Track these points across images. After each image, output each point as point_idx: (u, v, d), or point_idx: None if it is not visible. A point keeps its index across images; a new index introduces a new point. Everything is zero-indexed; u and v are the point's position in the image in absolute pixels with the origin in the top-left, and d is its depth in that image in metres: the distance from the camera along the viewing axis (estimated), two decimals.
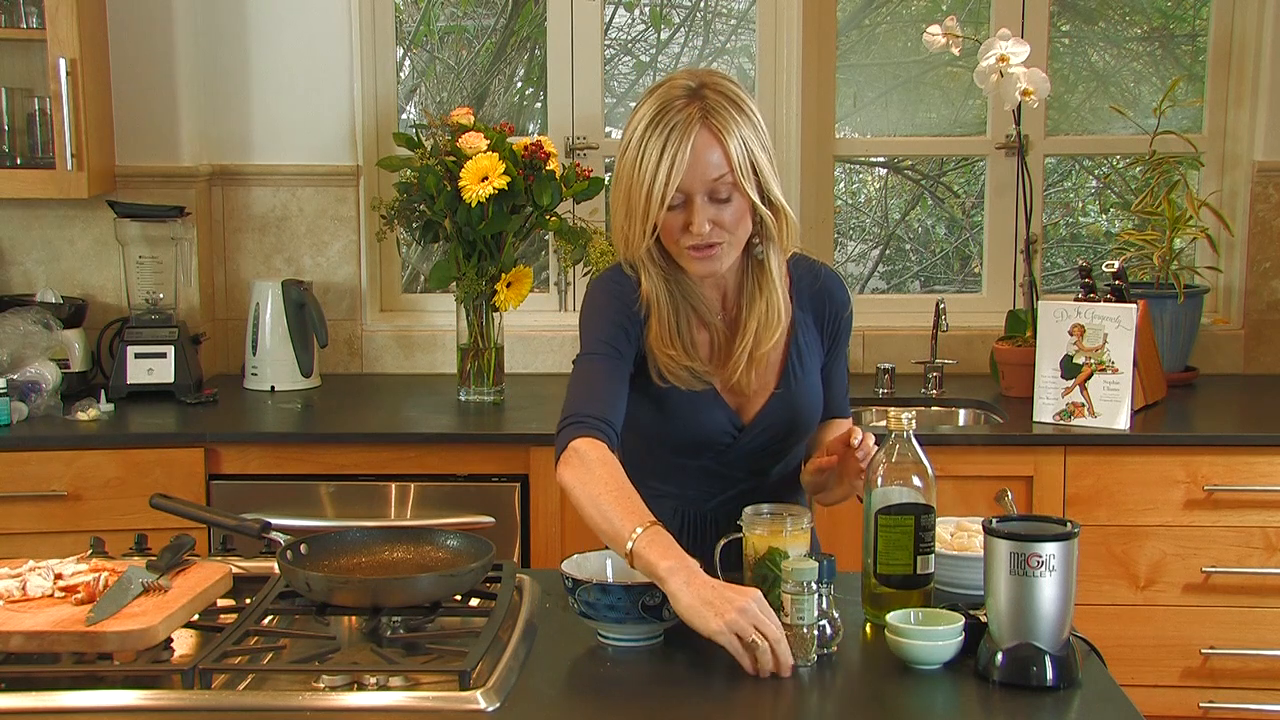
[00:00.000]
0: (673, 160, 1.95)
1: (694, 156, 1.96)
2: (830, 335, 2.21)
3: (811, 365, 2.18)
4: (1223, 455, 3.08)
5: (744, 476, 2.18)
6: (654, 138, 1.96)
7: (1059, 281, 4.23)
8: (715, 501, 2.18)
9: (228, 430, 3.20)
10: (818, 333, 2.19)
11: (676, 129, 1.95)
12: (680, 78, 2.02)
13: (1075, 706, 1.71)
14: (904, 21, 4.27)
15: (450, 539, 2.03)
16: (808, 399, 2.17)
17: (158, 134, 3.62)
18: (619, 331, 2.09)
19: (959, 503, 2.88)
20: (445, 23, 4.22)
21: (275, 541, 2.10)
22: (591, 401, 2.02)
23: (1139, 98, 4.08)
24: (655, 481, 2.14)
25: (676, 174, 1.95)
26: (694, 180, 1.97)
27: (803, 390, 2.17)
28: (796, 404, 2.15)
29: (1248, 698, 3.12)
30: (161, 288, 3.57)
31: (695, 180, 1.97)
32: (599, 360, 2.08)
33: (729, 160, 1.97)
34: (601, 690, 1.77)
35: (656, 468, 2.16)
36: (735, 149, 1.97)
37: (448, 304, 3.67)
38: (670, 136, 1.95)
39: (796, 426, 2.17)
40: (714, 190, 1.98)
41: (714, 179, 1.97)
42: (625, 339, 2.09)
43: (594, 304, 2.15)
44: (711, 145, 1.97)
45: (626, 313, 2.10)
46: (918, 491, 1.93)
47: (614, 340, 2.08)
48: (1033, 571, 1.72)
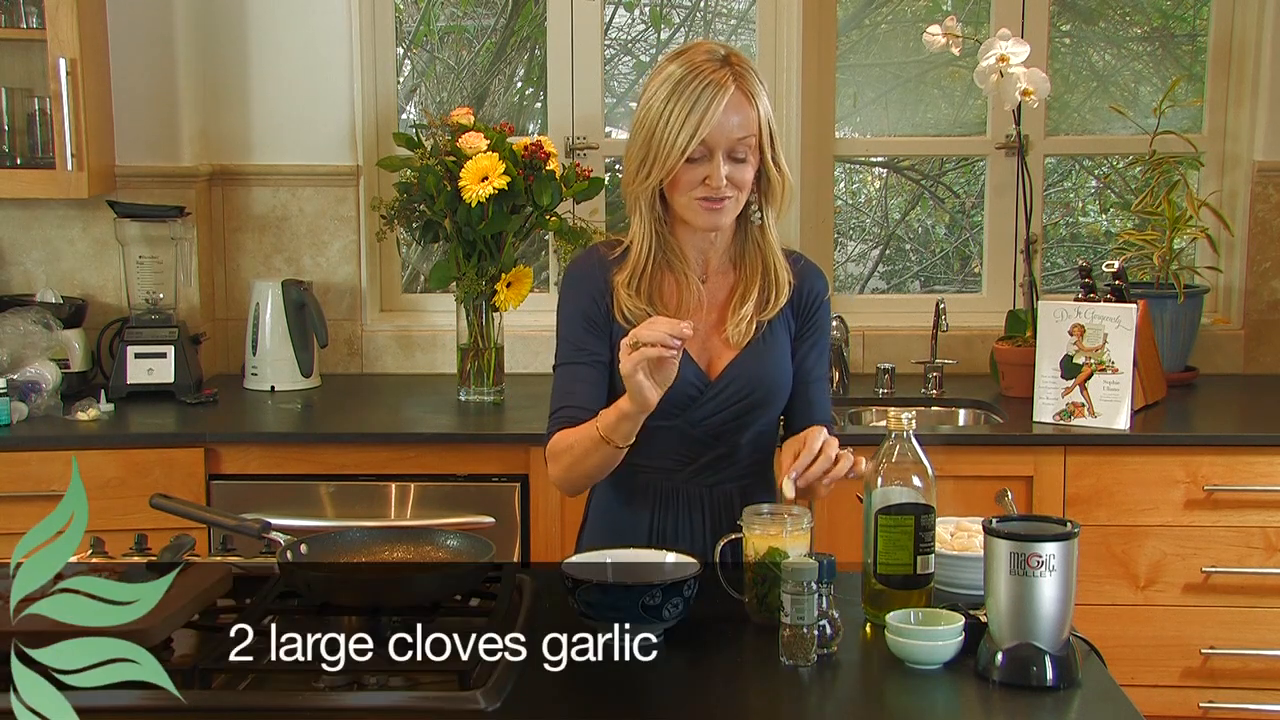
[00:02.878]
0: (704, 113, 2.07)
1: (725, 114, 2.08)
2: (803, 318, 2.26)
3: (780, 339, 2.24)
4: (1223, 455, 3.08)
5: (712, 443, 2.21)
6: (688, 91, 2.08)
7: (1059, 281, 4.23)
8: (686, 472, 2.22)
9: (228, 430, 3.20)
10: (790, 311, 2.25)
11: (710, 86, 2.08)
12: (705, 45, 2.15)
13: (1075, 706, 1.71)
14: (904, 21, 4.27)
15: (450, 539, 2.03)
16: (773, 366, 2.22)
17: (158, 134, 3.62)
18: (588, 330, 2.20)
19: (959, 503, 2.86)
20: (445, 23, 4.22)
21: (275, 541, 2.10)
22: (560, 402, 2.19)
23: (1139, 98, 4.08)
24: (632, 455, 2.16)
25: (706, 126, 2.07)
26: (720, 136, 2.09)
27: (768, 356, 2.22)
28: (762, 367, 2.20)
29: (1248, 698, 3.12)
30: (161, 288, 3.57)
31: (721, 136, 2.09)
32: (567, 362, 2.21)
33: (756, 122, 2.11)
34: (601, 690, 1.77)
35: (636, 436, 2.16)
36: (762, 113, 2.12)
37: (448, 304, 3.67)
38: (704, 92, 2.07)
39: (760, 389, 2.20)
40: (735, 149, 2.10)
41: (738, 138, 2.10)
42: (595, 336, 2.19)
43: (565, 299, 2.25)
44: (743, 106, 2.10)
45: (595, 291, 2.20)
46: (918, 491, 1.93)
47: (583, 343, 2.20)
48: (1033, 571, 1.72)
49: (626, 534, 2.20)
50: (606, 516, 2.28)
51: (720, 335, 2.21)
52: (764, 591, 1.92)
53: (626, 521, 2.23)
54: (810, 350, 2.27)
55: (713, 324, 2.22)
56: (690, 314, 2.19)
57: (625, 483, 2.23)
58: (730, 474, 2.23)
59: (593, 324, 2.19)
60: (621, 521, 2.24)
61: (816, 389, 2.28)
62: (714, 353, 2.21)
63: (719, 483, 2.23)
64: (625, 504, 2.24)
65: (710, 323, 2.22)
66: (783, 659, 1.80)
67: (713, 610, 1.96)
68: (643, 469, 2.21)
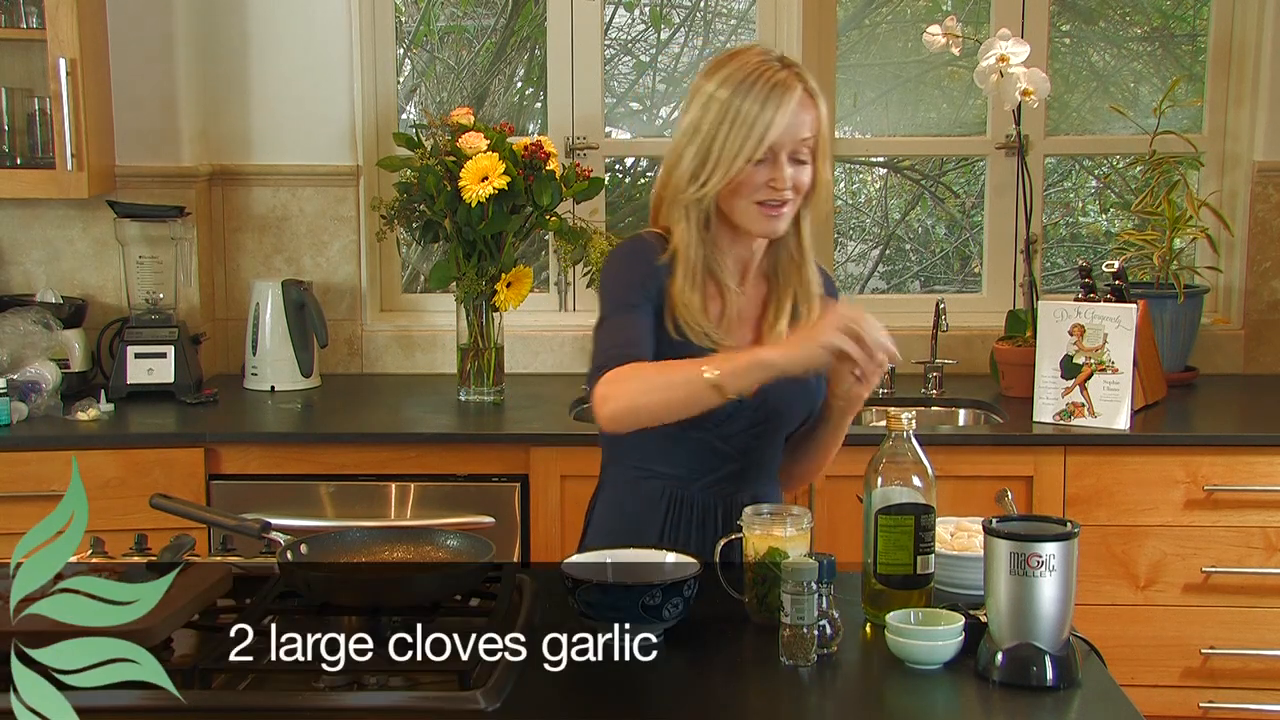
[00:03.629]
0: (775, 112, 2.03)
1: (794, 115, 2.04)
2: None
3: None
4: (1223, 455, 3.08)
5: (735, 456, 2.18)
6: (754, 91, 2.03)
7: (1059, 281, 4.23)
8: (701, 483, 2.18)
9: (228, 430, 3.20)
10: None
11: (778, 86, 2.04)
12: (757, 48, 2.10)
13: (1075, 706, 1.71)
14: (904, 21, 4.27)
15: (450, 539, 2.03)
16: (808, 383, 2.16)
17: (158, 134, 3.62)
18: (637, 290, 2.10)
19: (959, 503, 2.87)
20: (445, 23, 4.22)
21: (275, 541, 2.10)
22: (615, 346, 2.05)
23: (1139, 98, 4.08)
24: (646, 460, 2.16)
25: (778, 126, 2.03)
26: (786, 137, 2.05)
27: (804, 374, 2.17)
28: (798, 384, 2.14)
29: (1248, 698, 3.12)
30: (161, 288, 3.57)
31: (788, 138, 2.05)
32: (620, 314, 2.09)
33: (818, 124, 2.07)
34: (601, 690, 1.77)
35: (653, 440, 2.11)
36: (823, 116, 2.08)
37: (448, 304, 3.67)
38: (773, 92, 2.03)
39: (796, 407, 2.17)
40: (798, 151, 2.07)
41: (802, 139, 2.06)
42: (643, 294, 2.10)
43: (612, 270, 2.17)
44: (809, 107, 2.06)
45: (647, 271, 2.11)
46: (918, 491, 1.93)
47: (631, 298, 2.10)
48: (1033, 571, 1.72)
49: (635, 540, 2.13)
50: (613, 523, 2.23)
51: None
52: (764, 591, 1.92)
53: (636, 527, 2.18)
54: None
55: (747, 337, 2.18)
56: (732, 326, 2.15)
57: (637, 488, 2.19)
58: (748, 484, 2.19)
59: (640, 286, 2.10)
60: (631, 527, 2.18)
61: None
62: None
63: (735, 492, 2.19)
64: (636, 510, 2.20)
65: (745, 337, 2.17)
66: (783, 659, 1.80)
67: (713, 610, 1.96)
68: (659, 475, 2.18)
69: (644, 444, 2.13)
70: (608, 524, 2.24)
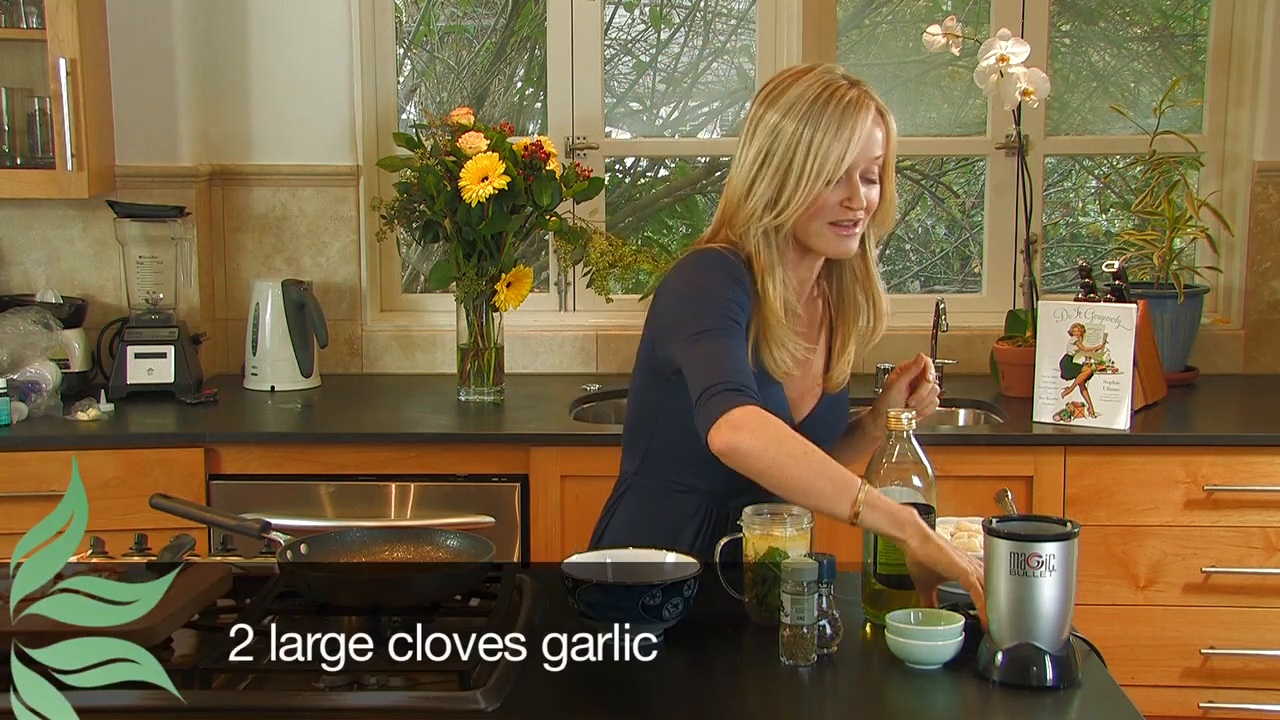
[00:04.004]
0: (852, 130, 2.00)
1: (869, 134, 2.02)
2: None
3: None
4: (1223, 455, 3.08)
5: None
6: (829, 110, 2.01)
7: (1059, 281, 4.23)
8: (740, 500, 2.08)
9: (228, 430, 3.20)
10: None
11: (853, 104, 2.01)
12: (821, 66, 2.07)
13: (1075, 706, 1.71)
14: (904, 21, 4.27)
15: (450, 539, 2.03)
16: (845, 406, 2.17)
17: (158, 134, 3.62)
18: (737, 309, 2.02)
19: (959, 503, 2.87)
20: (445, 23, 4.22)
21: (275, 541, 2.10)
22: (738, 371, 1.95)
23: (1139, 98, 4.08)
24: (681, 473, 2.13)
25: (856, 145, 2.00)
26: (862, 157, 2.03)
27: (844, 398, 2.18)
28: (843, 411, 2.15)
29: (1248, 698, 3.12)
30: (161, 288, 3.57)
31: (863, 157, 2.03)
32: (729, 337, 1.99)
33: (888, 141, 2.05)
34: (601, 690, 1.77)
35: (692, 457, 2.07)
36: (893, 131, 2.06)
37: (448, 304, 3.67)
38: (848, 110, 2.00)
39: (834, 430, 2.16)
40: (869, 170, 2.05)
41: (874, 157, 2.04)
42: (743, 314, 2.03)
43: (706, 281, 2.06)
44: (880, 125, 2.05)
45: (742, 290, 2.04)
46: (918, 491, 1.93)
47: (736, 316, 2.02)
48: (1033, 571, 1.72)
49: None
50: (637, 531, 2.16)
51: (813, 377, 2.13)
52: (764, 591, 1.92)
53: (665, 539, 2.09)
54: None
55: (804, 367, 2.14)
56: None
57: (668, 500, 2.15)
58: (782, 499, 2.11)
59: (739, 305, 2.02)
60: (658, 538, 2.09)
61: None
62: (800, 400, 2.14)
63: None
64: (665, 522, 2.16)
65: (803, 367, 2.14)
66: (783, 659, 1.80)
67: (713, 610, 1.96)
68: (694, 490, 2.16)
69: (680, 456, 2.12)
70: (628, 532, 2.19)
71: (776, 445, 1.88)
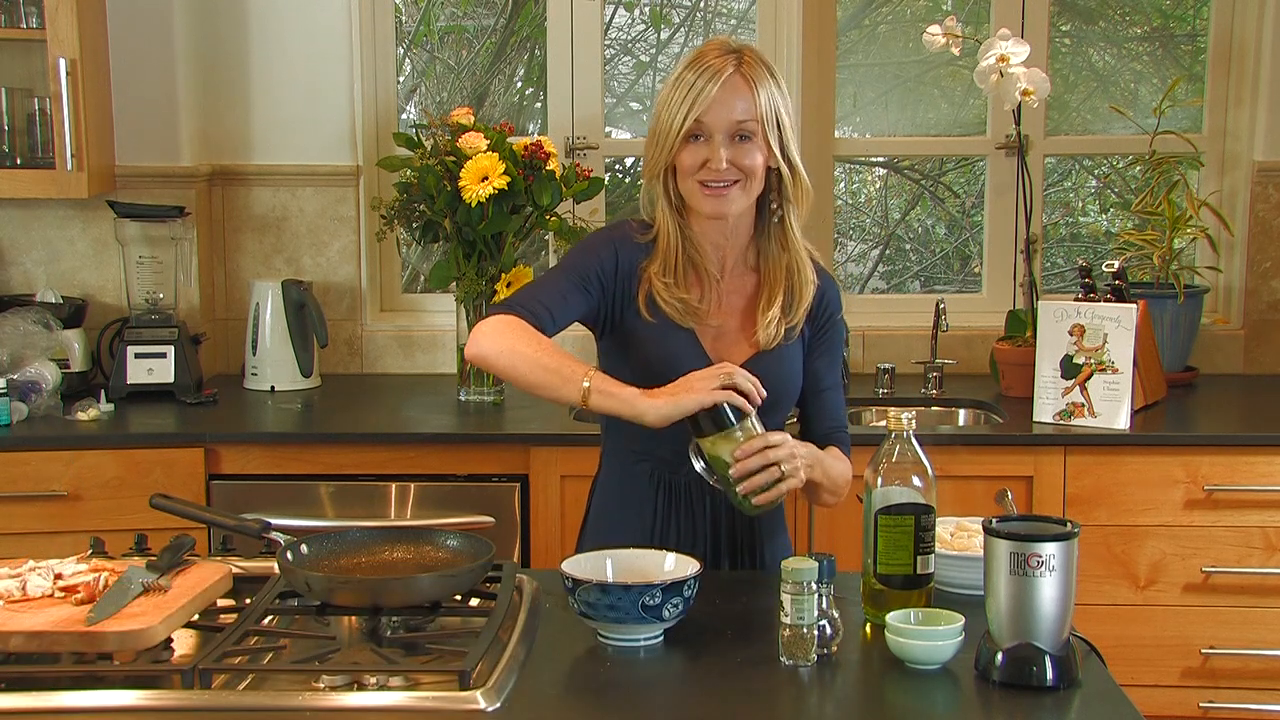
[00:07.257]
0: (699, 92, 2.10)
1: (721, 94, 2.11)
2: (817, 329, 2.26)
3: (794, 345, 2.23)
4: (1223, 455, 3.08)
5: None
6: (688, 75, 2.13)
7: (1059, 281, 4.23)
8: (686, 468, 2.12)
9: (228, 430, 3.20)
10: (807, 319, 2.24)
11: (710, 69, 2.12)
12: (722, 39, 2.20)
13: (1075, 706, 1.71)
14: (904, 21, 4.27)
15: (450, 539, 2.03)
16: (784, 370, 2.21)
17: (158, 134, 3.62)
18: (591, 269, 2.18)
19: (959, 503, 2.87)
20: (445, 23, 4.22)
21: (275, 541, 2.10)
22: (531, 298, 2.13)
23: (1139, 98, 4.08)
24: (633, 442, 2.19)
25: (701, 104, 2.10)
26: (717, 119, 2.11)
27: (784, 360, 2.21)
28: (779, 369, 2.19)
29: (1248, 698, 3.12)
30: (161, 288, 3.57)
31: (719, 119, 2.11)
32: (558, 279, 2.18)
33: (756, 108, 2.13)
34: (601, 690, 1.77)
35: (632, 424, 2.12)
36: (764, 100, 2.13)
37: (448, 304, 3.67)
38: (703, 74, 2.12)
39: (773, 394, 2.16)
40: (737, 132, 2.12)
41: (738, 121, 2.12)
42: (596, 277, 2.17)
43: (580, 243, 2.28)
44: (741, 90, 2.12)
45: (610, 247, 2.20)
46: (918, 491, 1.93)
47: (582, 272, 2.17)
48: (1033, 571, 1.72)
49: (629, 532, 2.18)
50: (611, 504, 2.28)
51: (747, 336, 2.20)
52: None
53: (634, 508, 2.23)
54: (820, 359, 2.27)
55: (732, 325, 2.22)
56: (711, 310, 2.21)
57: (631, 468, 2.23)
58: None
59: (603, 277, 2.18)
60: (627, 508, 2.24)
61: (830, 396, 2.29)
62: (726, 352, 2.20)
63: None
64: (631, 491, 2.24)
65: (728, 324, 2.22)
66: (783, 659, 1.80)
67: (713, 610, 1.96)
68: (647, 457, 2.21)
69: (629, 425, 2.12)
70: (606, 505, 2.30)
71: (510, 347, 2.05)
